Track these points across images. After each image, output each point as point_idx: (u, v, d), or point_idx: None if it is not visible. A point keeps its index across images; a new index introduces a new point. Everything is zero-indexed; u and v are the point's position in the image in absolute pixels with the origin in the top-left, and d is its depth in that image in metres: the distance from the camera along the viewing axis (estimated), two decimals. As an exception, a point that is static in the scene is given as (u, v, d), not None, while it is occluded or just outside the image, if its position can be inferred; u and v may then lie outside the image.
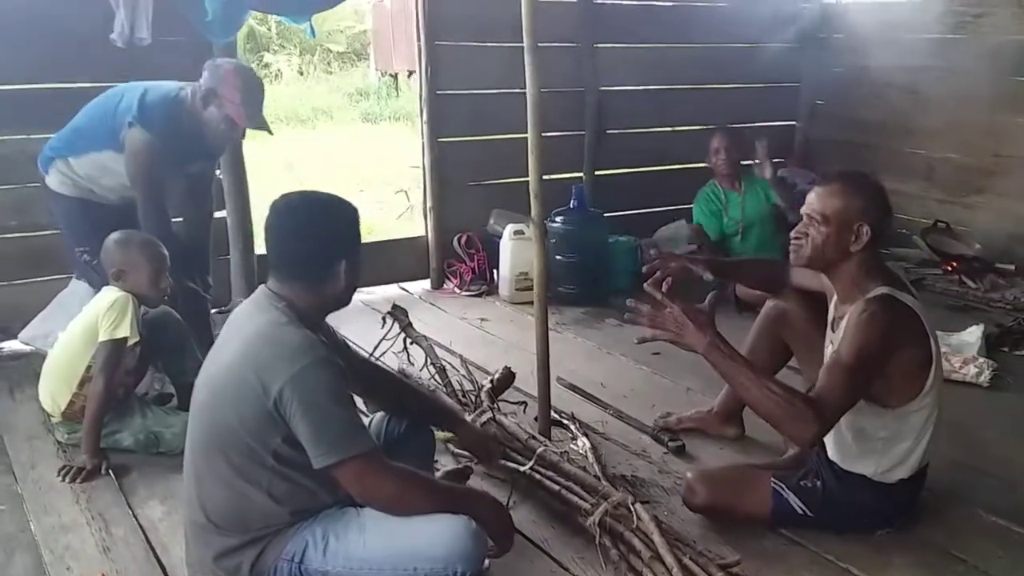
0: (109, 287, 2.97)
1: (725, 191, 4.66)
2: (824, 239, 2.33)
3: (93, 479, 2.78)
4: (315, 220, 2.06)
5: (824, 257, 2.37)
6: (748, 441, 3.12)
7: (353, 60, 16.41)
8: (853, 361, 2.23)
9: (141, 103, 3.20)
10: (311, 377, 1.92)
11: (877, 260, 2.41)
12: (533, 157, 2.82)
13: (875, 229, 2.31)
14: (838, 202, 2.31)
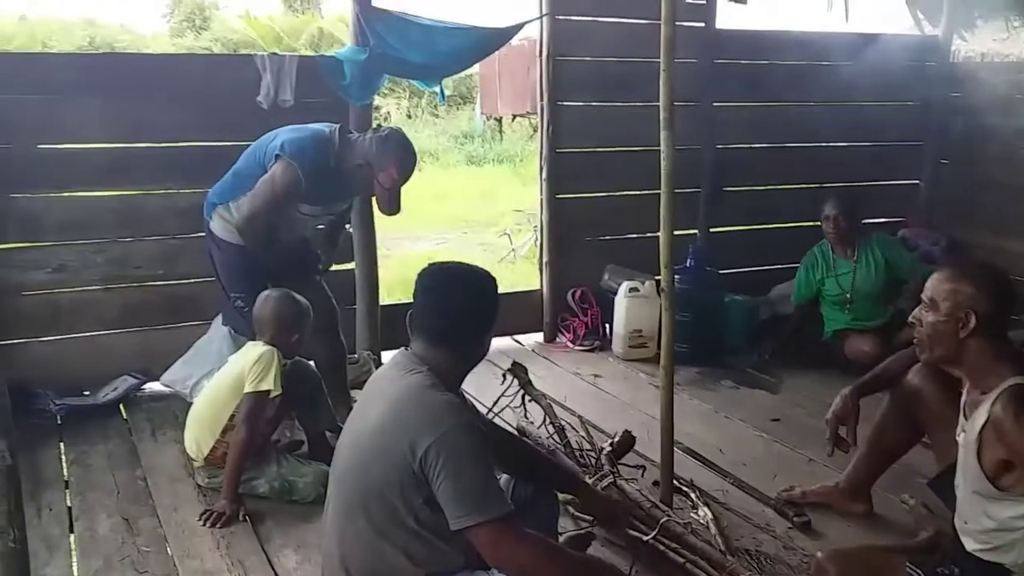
0: (255, 342, 3.12)
1: (835, 258, 4.56)
2: (932, 325, 2.29)
3: (232, 525, 2.90)
4: (468, 296, 2.16)
5: (939, 344, 2.31)
6: (877, 519, 3.03)
7: (459, 104, 16.86)
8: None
9: (291, 139, 3.34)
10: (456, 440, 1.98)
11: (1004, 346, 2.30)
12: (665, 225, 2.85)
13: (982, 318, 2.23)
14: (947, 286, 2.27)
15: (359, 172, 3.39)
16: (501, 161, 13.69)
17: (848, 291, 4.51)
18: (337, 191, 3.50)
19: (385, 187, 3.39)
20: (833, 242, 4.55)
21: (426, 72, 4.32)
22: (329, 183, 3.39)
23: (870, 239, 4.61)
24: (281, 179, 3.30)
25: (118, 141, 3.96)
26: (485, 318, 2.16)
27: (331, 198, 3.52)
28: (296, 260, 3.61)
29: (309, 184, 3.32)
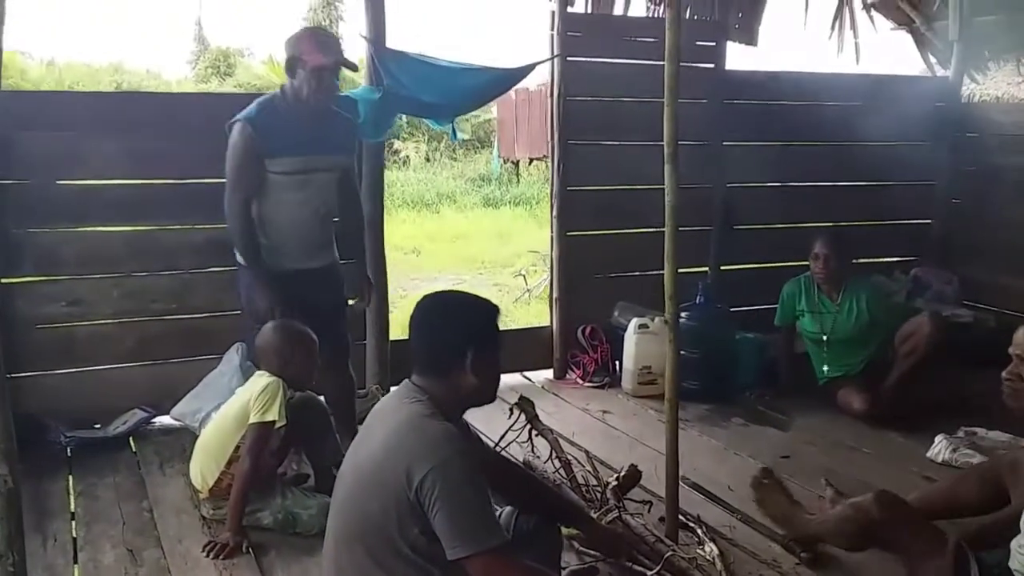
0: (261, 372, 3.15)
1: (820, 295, 4.52)
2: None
3: (235, 556, 2.90)
4: (439, 316, 2.19)
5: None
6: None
7: (477, 147, 17.06)
8: None
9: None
10: (452, 468, 1.98)
11: None
12: (669, 259, 2.87)
13: None
14: None
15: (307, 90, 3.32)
16: (518, 203, 13.78)
17: (826, 333, 4.48)
18: (307, 136, 3.38)
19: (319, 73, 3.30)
20: (821, 281, 4.51)
21: (438, 111, 4.40)
22: (291, 129, 3.34)
23: (858, 285, 4.56)
24: (234, 141, 3.32)
25: (135, 177, 4.05)
26: (469, 345, 2.13)
27: (303, 145, 3.38)
28: (316, 287, 3.55)
29: (267, 134, 3.30)
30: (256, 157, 3.33)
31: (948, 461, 3.75)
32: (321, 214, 3.54)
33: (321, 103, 3.41)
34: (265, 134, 3.31)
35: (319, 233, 3.56)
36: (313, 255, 3.55)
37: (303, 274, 3.50)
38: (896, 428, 4.15)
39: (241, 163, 3.34)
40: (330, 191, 3.56)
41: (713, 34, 5.14)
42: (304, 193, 3.45)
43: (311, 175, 3.46)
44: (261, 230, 3.44)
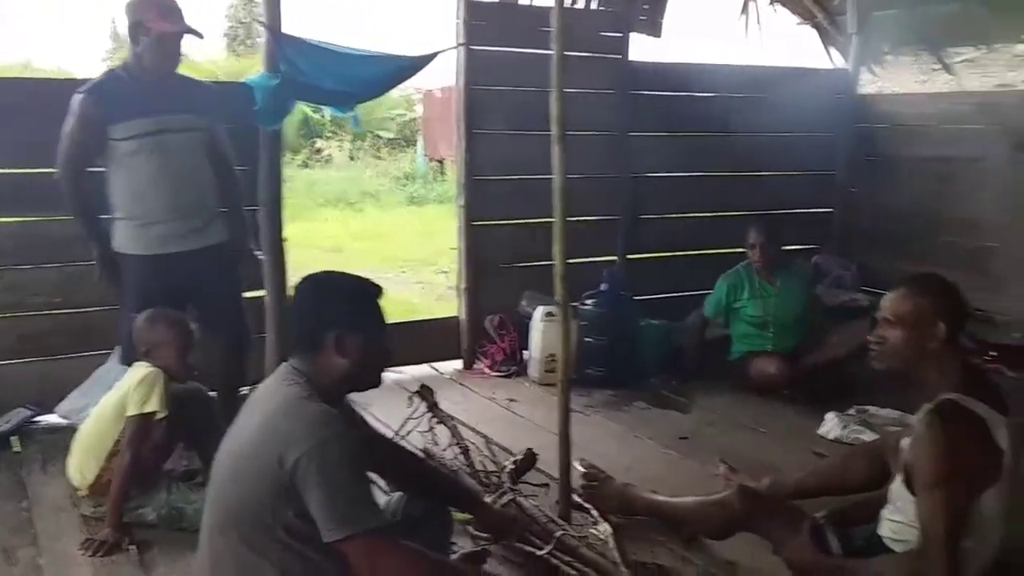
0: (139, 363, 3.05)
1: (760, 280, 4.61)
2: (902, 340, 2.37)
3: (115, 553, 2.80)
4: (310, 296, 2.14)
5: (904, 358, 2.39)
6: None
7: (402, 146, 16.95)
8: (933, 480, 2.21)
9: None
10: (328, 450, 1.94)
11: (955, 362, 2.38)
12: (558, 238, 2.87)
13: (950, 326, 2.32)
14: (910, 301, 2.37)
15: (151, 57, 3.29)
16: (442, 201, 13.72)
17: (769, 315, 4.57)
18: (155, 97, 3.31)
19: (163, 40, 3.27)
20: (759, 267, 4.61)
21: (339, 98, 4.33)
22: (136, 93, 3.29)
23: (791, 267, 4.73)
24: (70, 113, 3.27)
25: (15, 166, 3.89)
26: (335, 325, 2.08)
27: (151, 107, 3.30)
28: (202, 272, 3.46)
29: (110, 101, 3.26)
30: (96, 127, 3.26)
31: (839, 438, 3.86)
32: (189, 183, 3.43)
33: (166, 71, 3.37)
34: (108, 101, 3.26)
35: (192, 206, 3.45)
36: (191, 233, 3.44)
37: (184, 257, 3.40)
38: (793, 406, 4.28)
39: (73, 133, 3.28)
40: (193, 156, 3.45)
41: (618, 25, 5.18)
42: (161, 157, 3.34)
43: (163, 136, 3.35)
44: (127, 209, 3.36)
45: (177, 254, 3.42)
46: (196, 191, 3.50)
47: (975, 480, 2.23)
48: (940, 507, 2.18)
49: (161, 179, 3.36)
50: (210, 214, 3.55)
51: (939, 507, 2.18)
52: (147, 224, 3.37)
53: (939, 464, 2.20)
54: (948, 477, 2.19)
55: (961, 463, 2.20)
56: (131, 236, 3.40)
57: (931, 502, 2.20)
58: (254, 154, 4.20)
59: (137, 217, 3.37)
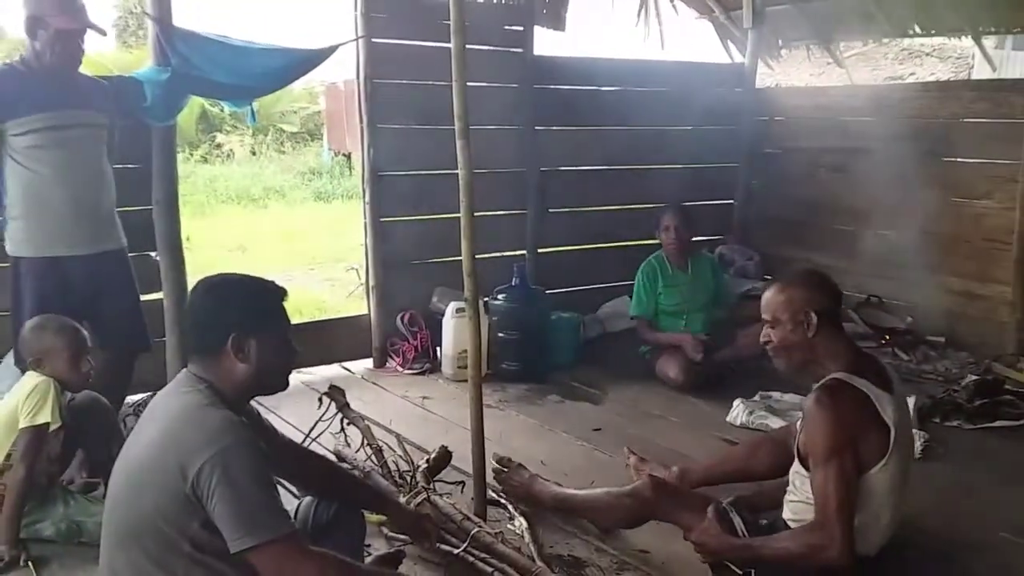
0: (30, 373, 2.90)
1: (673, 268, 4.67)
2: (783, 336, 2.47)
3: (12, 571, 2.68)
4: (205, 298, 2.08)
5: (792, 353, 2.49)
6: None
7: (306, 140, 16.62)
8: (824, 454, 2.31)
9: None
10: (231, 458, 1.87)
11: (839, 344, 2.50)
12: (466, 233, 2.87)
13: (822, 313, 2.43)
14: (780, 298, 2.48)
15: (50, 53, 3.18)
16: (350, 196, 13.50)
17: (684, 303, 4.65)
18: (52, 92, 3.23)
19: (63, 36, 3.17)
20: (672, 252, 4.65)
21: (235, 93, 4.20)
22: (32, 88, 3.20)
23: (700, 255, 4.84)
24: None
25: None
26: (233, 328, 2.01)
27: (49, 102, 3.22)
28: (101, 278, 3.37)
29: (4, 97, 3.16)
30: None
31: (745, 424, 3.98)
32: (91, 182, 3.35)
33: (66, 68, 3.26)
34: (4, 95, 3.15)
35: (93, 207, 3.36)
36: (92, 236, 3.35)
37: (82, 262, 3.29)
38: (701, 395, 4.38)
39: None
40: (93, 154, 3.37)
41: (521, 19, 5.19)
42: (61, 153, 3.25)
43: (63, 131, 3.27)
44: (23, 207, 3.24)
45: (76, 257, 3.31)
46: (97, 191, 3.40)
47: (864, 454, 2.33)
48: (832, 479, 2.28)
49: (61, 177, 3.25)
50: (110, 216, 3.46)
51: (831, 479, 2.28)
52: (44, 225, 3.25)
53: (829, 438, 2.30)
54: (838, 449, 2.29)
55: (849, 436, 2.32)
56: (27, 237, 3.27)
57: (823, 474, 2.30)
58: (147, 151, 4.06)
59: (34, 216, 3.25)
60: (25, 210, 3.25)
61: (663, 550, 2.87)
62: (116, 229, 3.49)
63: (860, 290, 5.36)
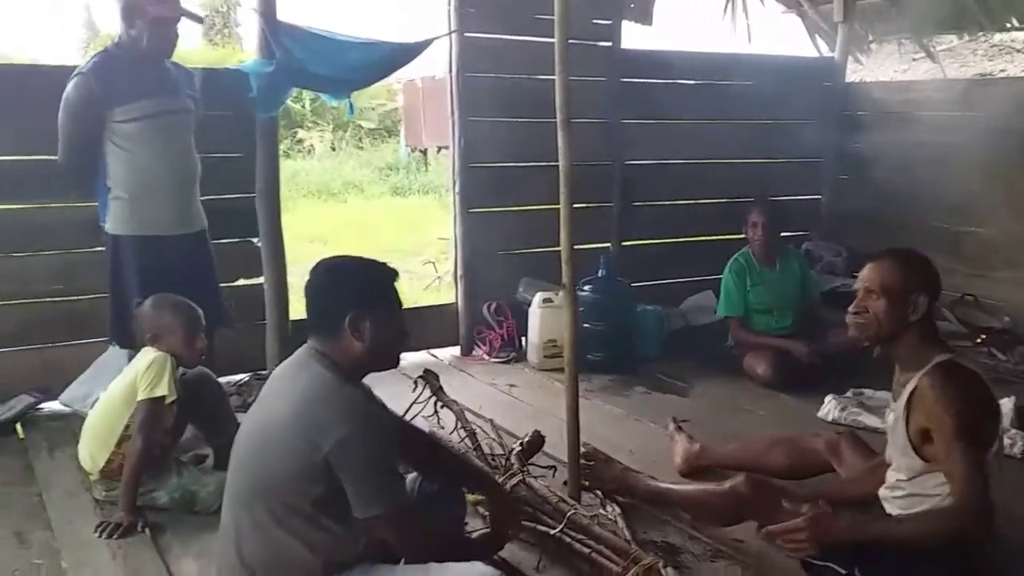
0: (147, 348, 3.05)
1: (761, 265, 4.61)
2: (884, 311, 2.40)
3: (129, 536, 2.82)
4: (324, 279, 2.16)
5: (885, 329, 2.43)
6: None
7: (384, 136, 16.87)
8: (959, 430, 2.23)
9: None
10: (362, 435, 2.01)
11: (933, 334, 2.45)
12: (564, 222, 2.90)
13: (931, 299, 2.38)
14: (895, 275, 2.41)
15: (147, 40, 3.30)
16: (426, 192, 13.69)
17: (773, 300, 4.59)
18: (151, 79, 3.38)
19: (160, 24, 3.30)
20: (758, 249, 4.60)
21: (334, 85, 4.34)
22: (132, 75, 3.33)
23: (788, 251, 4.77)
24: (67, 97, 3.29)
25: (11, 153, 3.86)
26: (350, 308, 2.11)
27: (149, 89, 3.37)
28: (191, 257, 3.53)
29: (109, 84, 3.28)
30: (96, 110, 3.29)
31: (837, 420, 3.92)
32: (187, 166, 3.51)
33: (162, 55, 3.40)
34: (107, 84, 3.28)
35: (188, 189, 3.52)
36: (185, 217, 3.51)
37: (178, 241, 3.45)
38: (790, 391, 4.33)
39: (75, 118, 3.30)
40: (187, 139, 3.52)
41: (609, 13, 5.21)
42: (162, 140, 3.40)
43: (163, 118, 3.42)
44: (126, 190, 3.38)
45: (172, 237, 3.47)
46: (192, 175, 3.56)
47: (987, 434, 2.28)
48: (973, 453, 2.21)
49: (162, 160, 3.40)
50: (198, 198, 3.61)
51: (971, 453, 2.21)
52: (146, 205, 3.40)
53: (963, 414, 2.23)
54: (973, 425, 2.24)
55: (980, 411, 2.27)
56: (131, 217, 3.42)
57: (961, 450, 2.21)
58: (250, 141, 4.21)
59: (137, 197, 3.39)
60: (129, 191, 3.40)
61: (759, 541, 2.84)
62: (202, 211, 3.65)
63: (955, 289, 5.22)
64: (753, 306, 4.61)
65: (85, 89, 3.27)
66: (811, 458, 3.08)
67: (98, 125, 3.31)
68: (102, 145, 3.35)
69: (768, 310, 4.61)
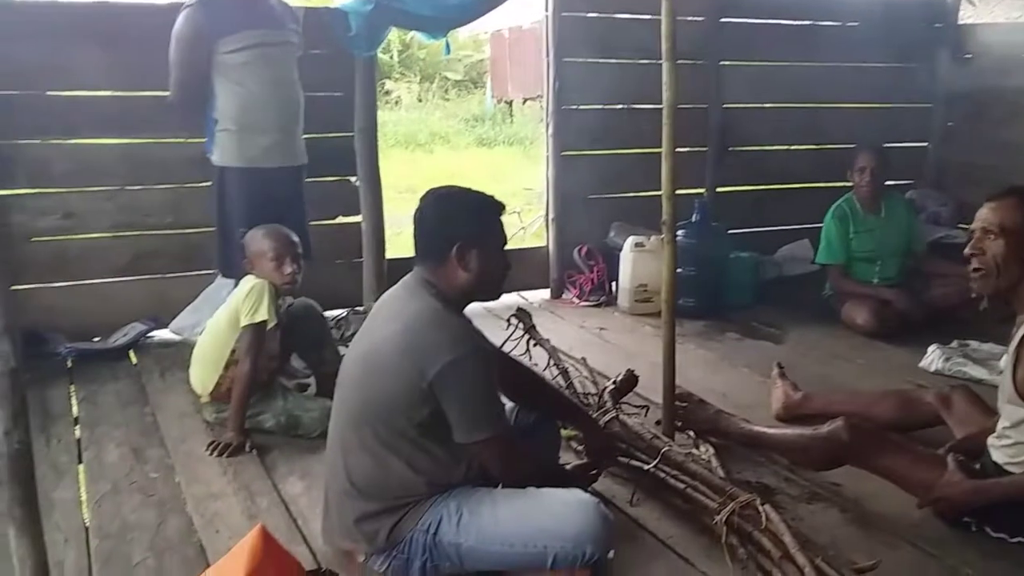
0: (248, 276, 3.15)
1: (865, 212, 4.46)
2: (1004, 253, 2.32)
3: (238, 455, 2.95)
4: (433, 208, 2.19)
5: (1004, 274, 2.34)
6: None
7: (470, 87, 16.85)
8: None
9: None
10: (468, 363, 2.05)
11: None
12: (667, 157, 2.85)
13: None
14: (1017, 215, 2.32)
15: None
16: (511, 143, 13.66)
17: (878, 248, 4.44)
18: (257, 10, 3.46)
19: None
20: (864, 196, 4.44)
21: (432, 24, 4.32)
22: (238, 7, 3.40)
23: (894, 196, 4.59)
24: (178, 28, 3.37)
25: (126, 89, 3.99)
26: (457, 238, 2.14)
27: (255, 20, 3.44)
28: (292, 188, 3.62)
29: (217, 15, 3.35)
30: (204, 42, 3.37)
31: (940, 370, 3.80)
32: (292, 98, 3.57)
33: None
34: (213, 16, 3.35)
35: (293, 123, 3.58)
36: (289, 151, 3.58)
37: (281, 174, 3.52)
38: (891, 341, 4.21)
39: (185, 50, 3.38)
40: (292, 72, 3.58)
41: (710, -49, 5.05)
42: (267, 71, 3.46)
43: (268, 49, 3.48)
44: (233, 121, 3.46)
45: (276, 168, 3.54)
46: (296, 108, 3.62)
47: None
48: None
49: (269, 92, 3.47)
50: (301, 133, 3.67)
51: None
52: (254, 137, 3.48)
53: None
54: None
55: None
56: (238, 148, 3.50)
57: None
58: (349, 81, 4.26)
59: (245, 129, 3.47)
60: (237, 123, 3.47)
61: (856, 486, 2.79)
62: (304, 146, 3.71)
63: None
64: (855, 254, 4.47)
65: (192, 21, 3.35)
66: (921, 410, 3.02)
67: (206, 57, 3.39)
68: (210, 77, 3.43)
69: (871, 259, 4.45)
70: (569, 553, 2.05)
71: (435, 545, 2.11)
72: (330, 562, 2.23)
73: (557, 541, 2.04)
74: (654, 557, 2.43)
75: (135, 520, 2.54)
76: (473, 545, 2.09)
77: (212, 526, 2.51)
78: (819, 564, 2.13)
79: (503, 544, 2.08)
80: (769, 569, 2.23)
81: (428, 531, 2.12)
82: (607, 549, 2.13)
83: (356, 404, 2.17)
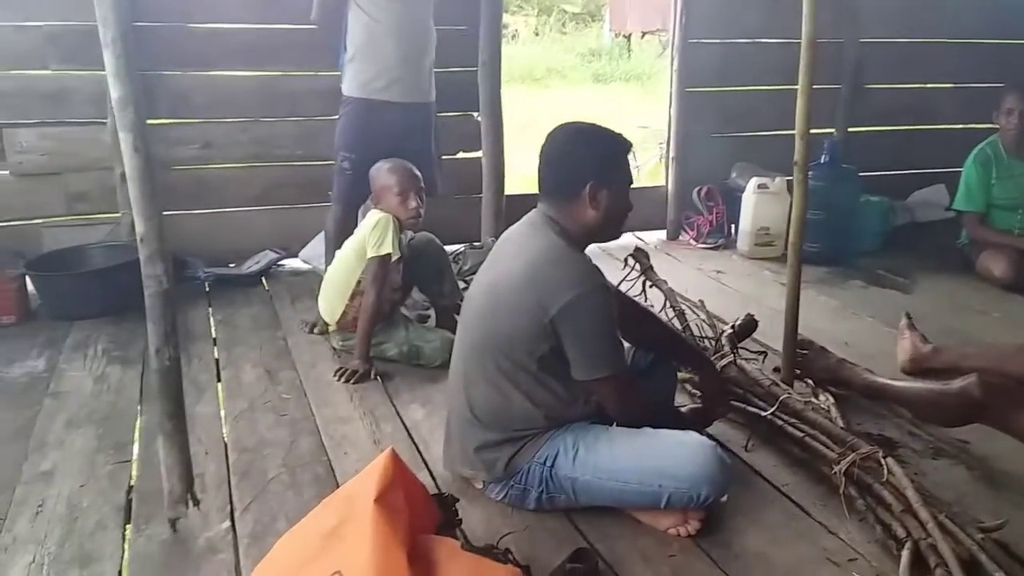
0: (373, 210, 3.24)
1: (1009, 157, 4.20)
2: None
3: (364, 382, 3.07)
4: (564, 145, 2.18)
5: None
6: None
7: (587, 21, 16.56)
8: None
9: None
10: (590, 301, 2.06)
11: None
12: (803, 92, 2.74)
13: None
14: None
15: None
16: (628, 79, 13.41)
17: (1020, 196, 4.19)
18: None
19: None
20: (1011, 140, 4.20)
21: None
22: None
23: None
24: None
25: (262, 22, 4.10)
26: (589, 176, 2.12)
27: None
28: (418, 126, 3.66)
29: None
30: None
31: (1085, 327, 3.59)
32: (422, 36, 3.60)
33: None
34: None
35: (418, 60, 3.60)
36: (411, 88, 3.60)
37: (398, 109, 3.55)
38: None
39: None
40: (424, 9, 3.60)
41: None
42: (398, 5, 3.50)
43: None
44: (358, 52, 3.52)
45: (394, 103, 3.57)
46: (424, 46, 3.63)
47: None
48: None
49: (396, 27, 3.50)
50: (429, 72, 3.68)
51: None
52: (374, 70, 3.53)
53: None
54: None
55: None
56: (358, 79, 3.56)
57: None
58: (474, 14, 4.25)
59: (368, 60, 3.52)
60: (361, 54, 3.53)
61: (984, 443, 2.69)
62: (431, 86, 3.72)
63: None
64: (996, 201, 4.22)
65: None
66: None
67: None
68: (347, 6, 3.50)
69: (1014, 207, 4.20)
70: (685, 494, 2.08)
71: (551, 478, 2.17)
72: (450, 487, 2.30)
73: (673, 481, 2.07)
74: (768, 503, 2.41)
75: (270, 437, 2.69)
76: (589, 480, 2.14)
77: (340, 448, 2.63)
78: (942, 520, 2.08)
79: (619, 480, 2.12)
80: (888, 523, 2.19)
81: (545, 463, 2.17)
82: (722, 492, 2.14)
83: (479, 336, 2.22)
